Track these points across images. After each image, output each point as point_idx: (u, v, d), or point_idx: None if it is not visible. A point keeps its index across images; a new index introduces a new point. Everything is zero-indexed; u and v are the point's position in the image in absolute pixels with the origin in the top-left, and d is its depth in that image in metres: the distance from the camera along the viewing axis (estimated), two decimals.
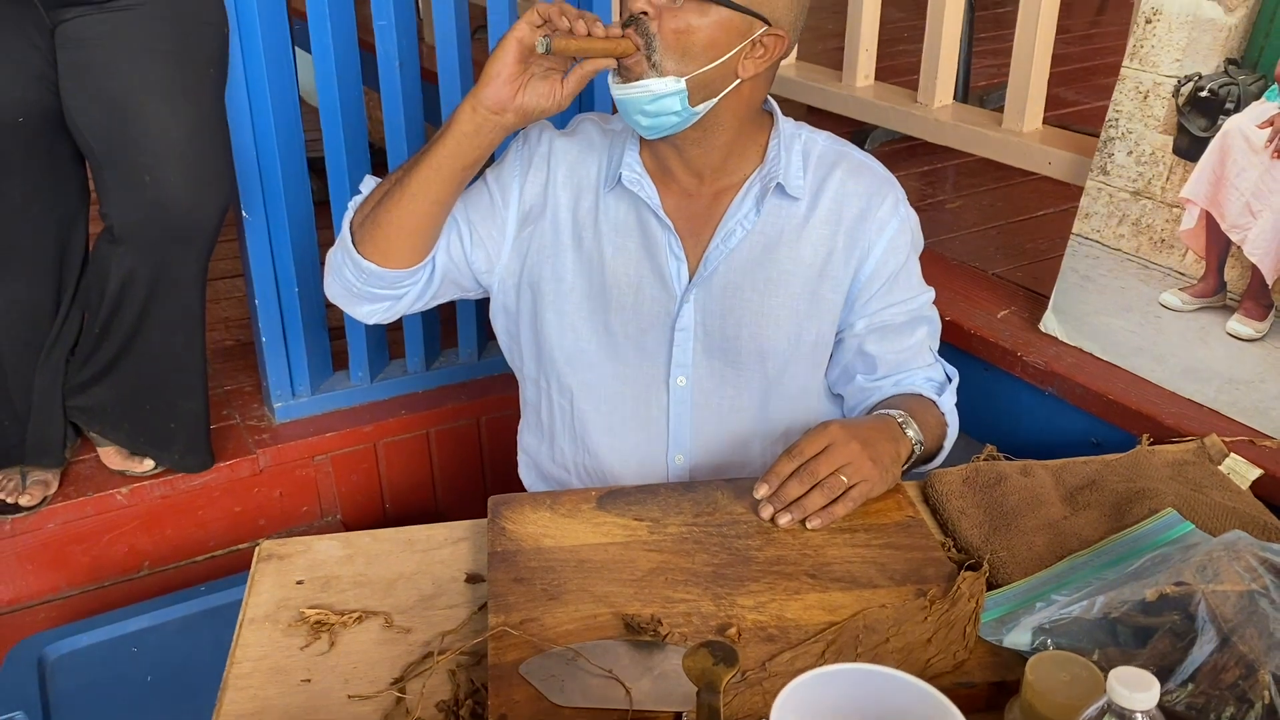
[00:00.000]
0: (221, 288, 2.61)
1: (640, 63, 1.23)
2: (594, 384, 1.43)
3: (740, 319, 1.37)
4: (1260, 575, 0.97)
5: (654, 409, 1.42)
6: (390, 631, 1.07)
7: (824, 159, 1.38)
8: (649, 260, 1.38)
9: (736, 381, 1.40)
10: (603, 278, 1.39)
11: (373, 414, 2.18)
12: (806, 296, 1.37)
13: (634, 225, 1.38)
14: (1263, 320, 1.47)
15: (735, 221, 1.35)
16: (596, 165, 1.40)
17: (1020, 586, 1.13)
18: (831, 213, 1.36)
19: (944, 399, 1.41)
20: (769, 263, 1.36)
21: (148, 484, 1.93)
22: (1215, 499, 1.27)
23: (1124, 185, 1.62)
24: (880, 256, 1.37)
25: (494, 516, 1.21)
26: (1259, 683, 0.86)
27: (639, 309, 1.39)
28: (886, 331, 1.40)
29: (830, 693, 0.63)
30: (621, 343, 1.40)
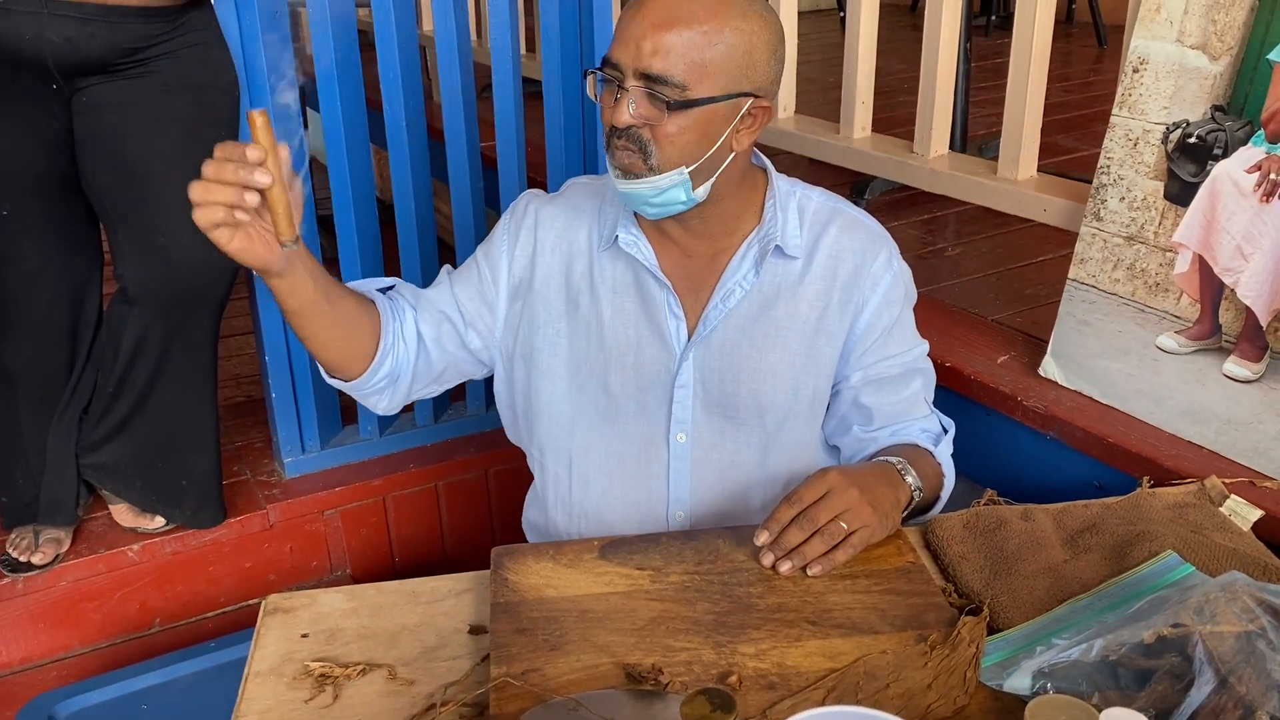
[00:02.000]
0: (233, 345, 2.64)
1: (637, 164, 1.25)
2: (593, 445, 1.43)
3: (739, 375, 1.38)
4: (1258, 616, 0.97)
5: (654, 466, 1.42)
6: (394, 684, 1.08)
7: (818, 216, 1.39)
8: (648, 319, 1.39)
9: (736, 436, 1.41)
10: (601, 338, 1.40)
11: (382, 468, 2.20)
12: (803, 352, 1.38)
13: (631, 285, 1.39)
14: (1258, 362, 1.48)
15: (734, 282, 1.37)
16: (587, 228, 1.41)
17: (1021, 631, 1.13)
18: (827, 269, 1.38)
19: (940, 449, 1.41)
20: (766, 319, 1.38)
21: (159, 540, 1.95)
22: (1216, 540, 1.28)
23: (1118, 230, 1.64)
24: (875, 311, 1.38)
25: (496, 568, 1.22)
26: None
27: (639, 368, 1.40)
28: (882, 384, 1.41)
29: None
30: (621, 402, 1.41)
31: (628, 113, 1.23)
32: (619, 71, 1.23)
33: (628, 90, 1.23)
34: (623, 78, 1.23)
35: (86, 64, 1.60)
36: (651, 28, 1.21)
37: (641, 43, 1.21)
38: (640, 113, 1.23)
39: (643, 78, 1.22)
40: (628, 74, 1.22)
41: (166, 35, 1.64)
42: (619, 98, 1.24)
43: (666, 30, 1.20)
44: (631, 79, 1.22)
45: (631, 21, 1.23)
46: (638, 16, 1.22)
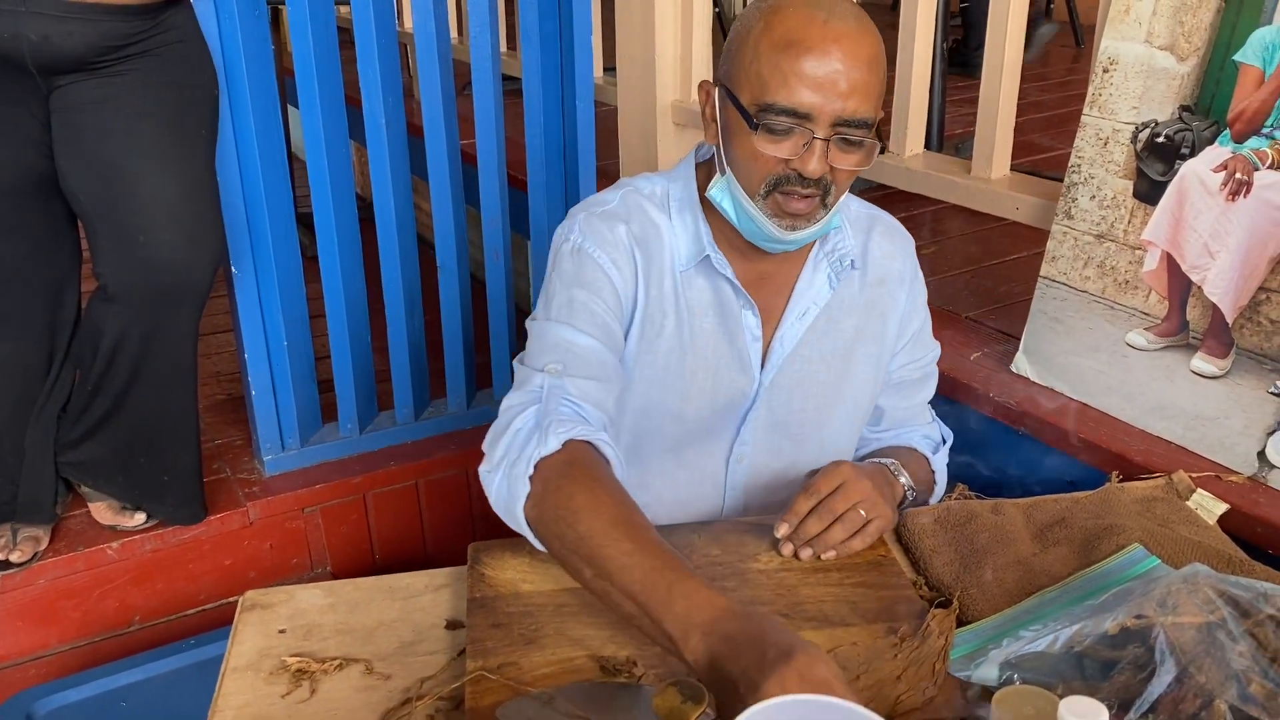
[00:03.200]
0: (213, 342, 2.64)
1: (816, 209, 1.20)
2: (649, 472, 1.37)
3: (808, 391, 1.36)
4: (1218, 607, 0.99)
5: (708, 487, 1.40)
6: (371, 678, 1.09)
7: (859, 223, 1.37)
8: (727, 341, 1.33)
9: (792, 452, 1.39)
10: (682, 365, 1.32)
11: (362, 465, 2.20)
12: (870, 363, 1.38)
13: (711, 306, 1.31)
14: (1224, 358, 1.50)
15: (809, 299, 1.33)
16: (666, 244, 1.30)
17: (989, 623, 1.15)
18: (877, 276, 1.37)
19: (937, 458, 1.43)
20: (835, 334, 1.35)
21: (138, 538, 1.95)
22: (1182, 534, 1.30)
23: (1088, 229, 1.66)
24: (908, 313, 1.40)
25: (474, 563, 1.23)
26: (1215, 712, 0.89)
27: (715, 394, 1.34)
28: (902, 387, 1.43)
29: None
30: (692, 429, 1.35)
31: (824, 163, 1.15)
32: (806, 119, 1.14)
33: (823, 139, 1.14)
34: (814, 125, 1.14)
35: (65, 62, 1.60)
36: (845, 67, 1.12)
37: (839, 86, 1.12)
38: (835, 159, 1.16)
39: (840, 125, 1.14)
40: (822, 122, 1.14)
41: (145, 33, 1.64)
42: (809, 147, 1.15)
43: (859, 68, 1.13)
44: (826, 127, 1.14)
45: (815, 61, 1.12)
46: (821, 55, 1.12)
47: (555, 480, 1.08)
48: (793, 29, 1.14)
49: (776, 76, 1.14)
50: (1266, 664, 0.94)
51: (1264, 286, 1.46)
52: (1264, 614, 0.98)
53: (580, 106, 2.23)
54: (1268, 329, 1.45)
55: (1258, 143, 1.47)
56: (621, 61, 2.57)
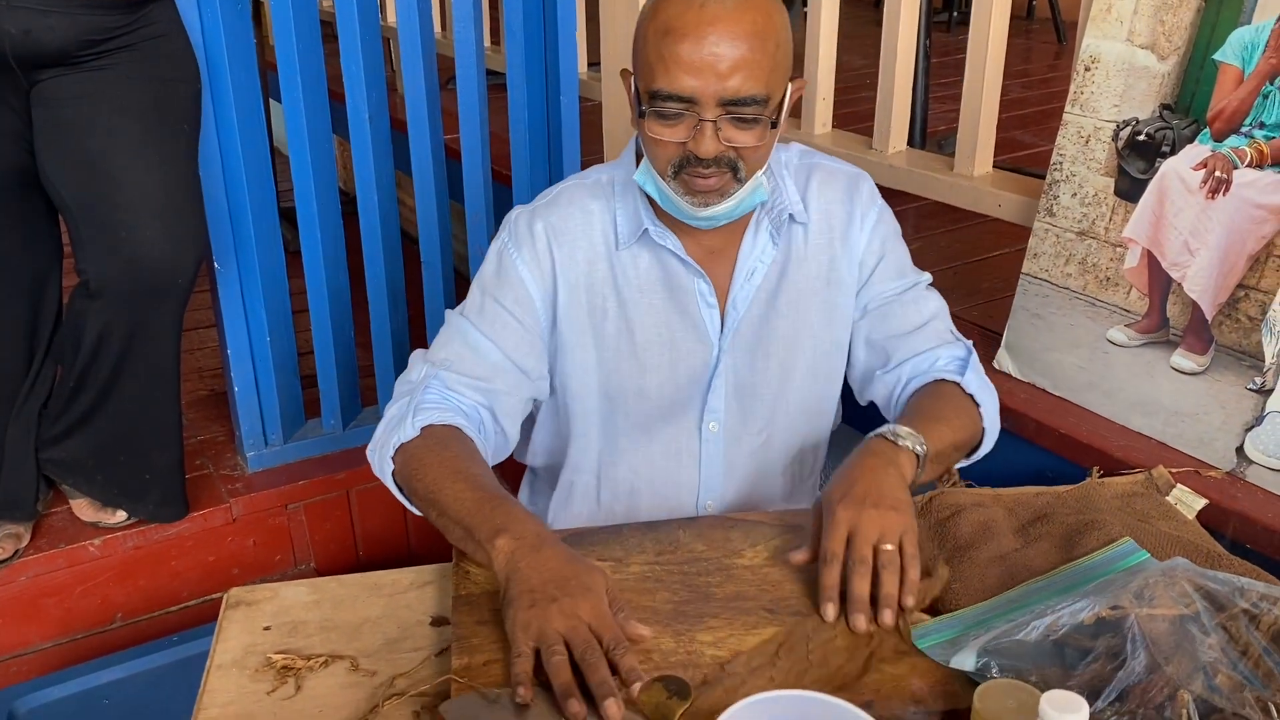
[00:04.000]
0: (195, 338, 2.63)
1: (728, 184, 1.22)
2: (624, 452, 1.41)
3: (769, 350, 1.38)
4: (1193, 601, 1.00)
5: (685, 459, 1.41)
6: (356, 675, 1.09)
7: (799, 173, 1.38)
8: (679, 313, 1.36)
9: (761, 411, 1.40)
10: (633, 345, 1.36)
11: (345, 461, 2.20)
12: (822, 308, 1.39)
13: (658, 280, 1.35)
14: (1204, 354, 1.52)
15: (754, 259, 1.35)
16: (600, 229, 1.35)
17: (971, 611, 1.16)
18: (822, 223, 1.37)
19: (967, 377, 1.33)
20: (786, 286, 1.37)
21: (120, 535, 1.94)
22: (1161, 529, 1.31)
23: (1070, 226, 1.68)
24: (867, 245, 1.38)
25: (459, 560, 1.23)
26: (1179, 702, 0.90)
27: (675, 366, 1.37)
28: (888, 317, 1.38)
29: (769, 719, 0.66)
30: (656, 404, 1.38)
31: (716, 143, 1.19)
32: (690, 103, 1.17)
33: (710, 121, 1.17)
34: (700, 108, 1.17)
35: (45, 56, 1.59)
36: (723, 48, 1.15)
37: (717, 68, 1.15)
38: (729, 137, 1.19)
39: (727, 104, 1.17)
40: (706, 104, 1.17)
41: (127, 27, 1.63)
42: (698, 129, 1.18)
43: (738, 47, 1.15)
44: (713, 108, 1.17)
45: (691, 45, 1.16)
46: (697, 39, 1.15)
47: (411, 453, 1.24)
48: (671, 15, 1.17)
49: (660, 64, 1.18)
50: (1236, 657, 0.95)
51: (1242, 284, 1.47)
52: (1238, 608, 0.99)
53: (564, 101, 2.23)
54: (1246, 326, 1.47)
55: (1237, 141, 1.49)
56: (606, 57, 2.57)
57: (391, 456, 1.26)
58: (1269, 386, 1.44)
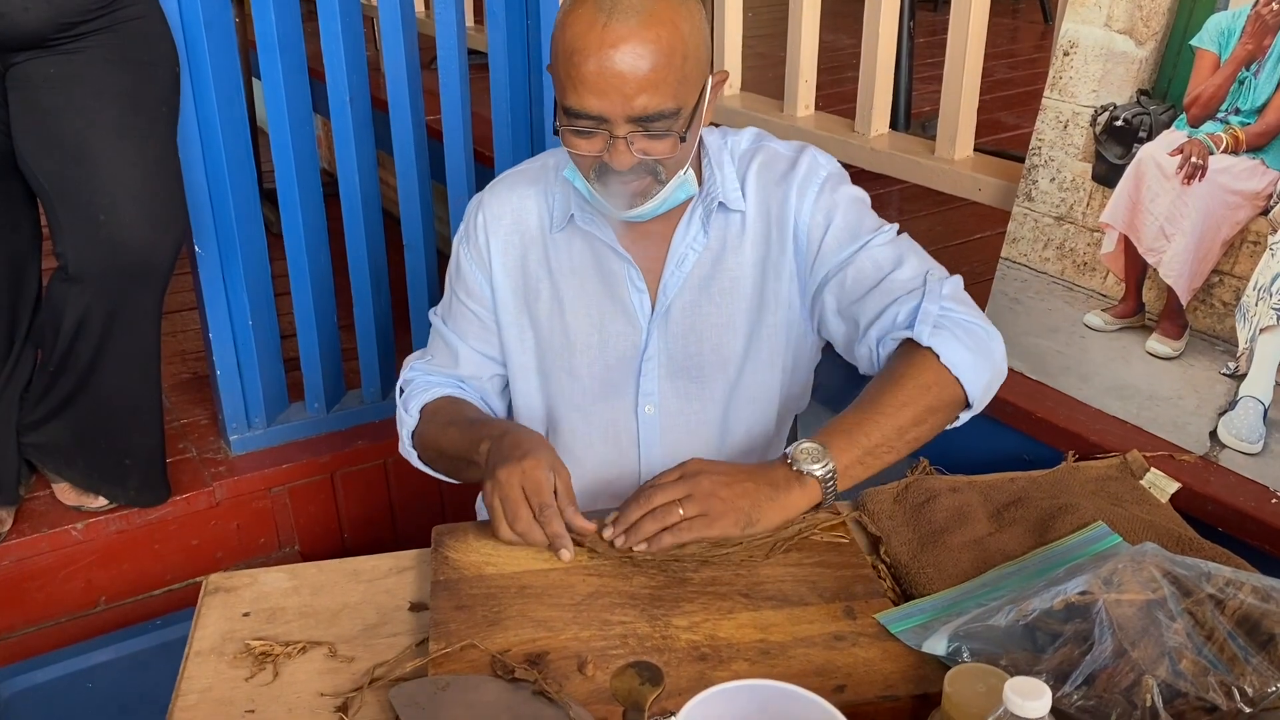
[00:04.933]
0: (177, 321, 2.62)
1: (650, 187, 1.25)
2: (562, 432, 1.45)
3: (702, 334, 1.40)
4: (1160, 586, 1.02)
5: (624, 441, 1.44)
6: (334, 661, 1.10)
7: (743, 161, 1.38)
8: (610, 296, 1.39)
9: (701, 395, 1.42)
10: (564, 323, 1.40)
11: (330, 445, 2.20)
12: (756, 294, 1.39)
13: (590, 264, 1.39)
14: (1179, 339, 1.53)
15: (685, 246, 1.37)
16: (536, 214, 1.40)
17: (944, 596, 1.17)
18: (760, 210, 1.38)
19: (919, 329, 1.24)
20: (719, 273, 1.38)
21: (103, 519, 1.95)
22: (1135, 513, 1.32)
23: (1048, 211, 1.68)
24: (810, 220, 1.35)
25: (437, 546, 1.24)
26: (1143, 687, 0.91)
27: (604, 347, 1.40)
28: (845, 282, 1.34)
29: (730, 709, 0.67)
30: (588, 384, 1.42)
31: (630, 156, 1.20)
32: (601, 120, 1.19)
33: (621, 138, 1.19)
34: (610, 125, 1.19)
35: (22, 38, 1.58)
36: (627, 68, 1.15)
37: (623, 89, 1.16)
38: (643, 149, 1.21)
39: (636, 121, 1.18)
40: (616, 122, 1.18)
41: (103, 9, 1.62)
42: (611, 144, 1.20)
43: (643, 66, 1.15)
44: (623, 126, 1.19)
45: (595, 66, 1.16)
46: (600, 61, 1.16)
47: (418, 435, 1.41)
48: (575, 35, 1.17)
49: (569, 82, 1.19)
50: (1201, 641, 0.96)
51: (1217, 269, 1.48)
52: (1204, 593, 1.00)
53: (547, 81, 2.22)
54: (1220, 311, 1.48)
55: (1213, 127, 1.49)
56: None
57: (412, 446, 1.42)
58: (1242, 371, 1.45)
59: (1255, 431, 1.43)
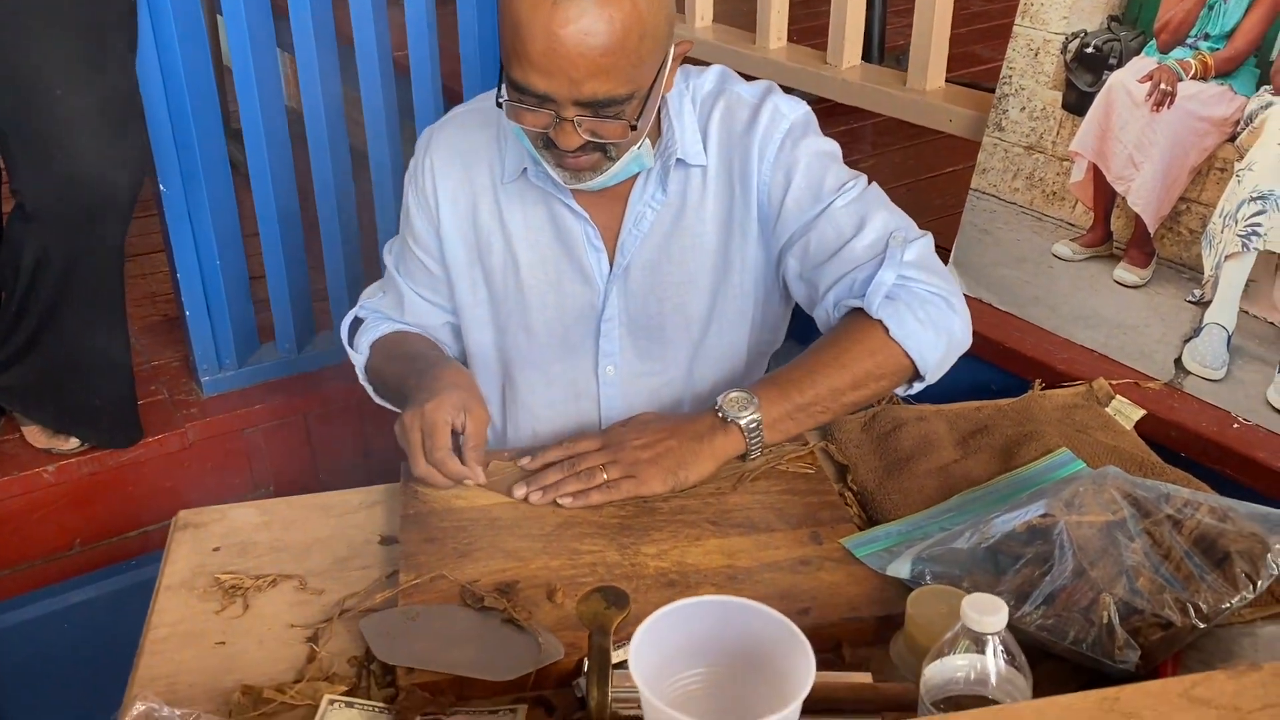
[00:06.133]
0: (145, 263, 2.59)
1: (599, 163, 1.19)
2: (521, 389, 1.42)
3: (663, 294, 1.36)
4: (1120, 507, 1.03)
5: (585, 402, 1.41)
6: (304, 594, 1.11)
7: (705, 105, 1.31)
8: (566, 255, 1.34)
9: (663, 356, 1.39)
10: (519, 280, 1.35)
11: (302, 385, 2.19)
12: (720, 252, 1.35)
13: (545, 220, 1.33)
14: (1145, 268, 1.54)
15: (643, 204, 1.32)
16: (486, 164, 1.33)
17: (907, 521, 1.18)
18: (722, 162, 1.31)
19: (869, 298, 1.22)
20: (680, 231, 1.34)
21: (75, 461, 1.94)
22: (1099, 439, 1.34)
23: (1018, 140, 1.68)
24: (771, 178, 1.29)
25: (407, 480, 1.24)
26: (1101, 604, 0.93)
27: (562, 306, 1.36)
28: (808, 246, 1.30)
29: (690, 624, 0.68)
30: (545, 343, 1.38)
31: (578, 137, 1.14)
32: (547, 99, 1.12)
33: (568, 120, 1.13)
34: (557, 106, 1.12)
35: None
36: (576, 53, 1.07)
37: (571, 73, 1.09)
38: (591, 130, 1.14)
39: (585, 105, 1.12)
40: (563, 104, 1.12)
41: None
42: (559, 124, 1.14)
43: (593, 51, 1.08)
44: (570, 109, 1.12)
45: (542, 47, 1.08)
46: (549, 42, 1.08)
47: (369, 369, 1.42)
48: (522, 10, 1.09)
49: (514, 55, 1.11)
50: (1159, 560, 0.98)
51: (1184, 197, 1.49)
52: (1163, 514, 1.02)
53: None
54: (1187, 239, 1.49)
55: (1182, 53, 1.48)
56: None
57: (368, 381, 1.43)
58: (1207, 298, 1.46)
59: (1219, 358, 1.45)
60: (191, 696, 0.97)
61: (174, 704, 0.90)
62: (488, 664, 0.96)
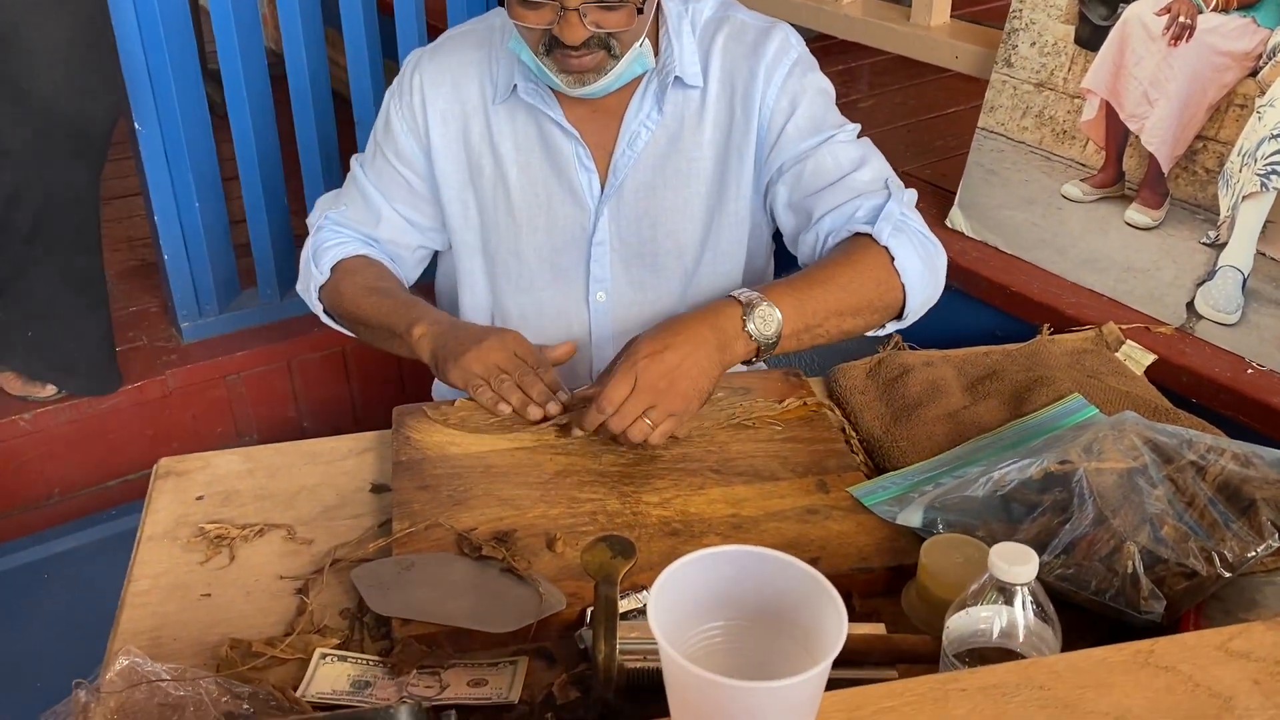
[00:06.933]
0: (121, 207, 2.52)
1: (602, 62, 1.19)
2: (511, 315, 1.39)
3: (656, 219, 1.33)
4: (1141, 454, 1.00)
5: (575, 329, 1.38)
6: (292, 543, 1.06)
7: (706, 30, 1.31)
8: (556, 176, 1.32)
9: (656, 285, 1.37)
10: (509, 202, 1.33)
11: (285, 331, 2.14)
12: (717, 178, 1.33)
13: (535, 140, 1.32)
14: (1158, 209, 1.49)
15: (638, 124, 1.30)
16: (478, 82, 1.32)
17: (918, 468, 1.15)
18: (723, 86, 1.30)
19: (879, 227, 1.22)
20: (676, 154, 1.32)
21: (53, 409, 1.89)
22: (1110, 385, 1.30)
23: (1027, 77, 1.62)
24: (775, 103, 1.29)
25: (398, 427, 1.20)
26: (1124, 553, 0.89)
27: (552, 229, 1.34)
28: (803, 174, 1.29)
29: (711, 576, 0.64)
30: (535, 267, 1.36)
31: (583, 29, 1.15)
32: None
33: (573, 10, 1.13)
34: None
35: None
36: None
37: None
38: (596, 20, 1.15)
39: None
40: None
41: None
42: (563, 16, 1.14)
43: None
44: None
45: None
46: None
47: (330, 289, 1.35)
48: None
49: None
50: (1182, 508, 0.95)
51: (1201, 135, 1.44)
52: (1185, 460, 0.99)
53: None
54: (1202, 178, 1.44)
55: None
56: None
57: (318, 299, 1.37)
58: (1222, 240, 1.42)
59: (1233, 301, 1.41)
60: (176, 650, 0.93)
61: (158, 658, 0.85)
62: (487, 615, 0.92)
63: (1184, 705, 0.69)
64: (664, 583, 0.60)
